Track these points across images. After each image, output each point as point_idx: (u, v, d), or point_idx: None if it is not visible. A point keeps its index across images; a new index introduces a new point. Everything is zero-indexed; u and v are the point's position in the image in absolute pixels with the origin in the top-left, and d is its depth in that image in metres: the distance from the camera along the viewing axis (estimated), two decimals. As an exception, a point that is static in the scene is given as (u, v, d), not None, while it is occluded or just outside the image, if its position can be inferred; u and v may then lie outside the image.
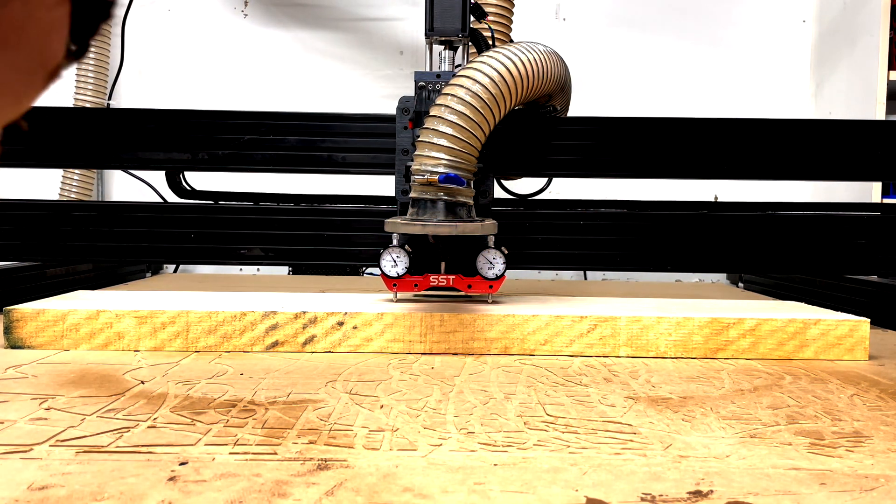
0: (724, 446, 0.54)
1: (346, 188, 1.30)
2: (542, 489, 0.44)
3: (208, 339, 0.86)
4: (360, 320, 0.87)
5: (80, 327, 0.85)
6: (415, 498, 0.43)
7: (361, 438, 0.54)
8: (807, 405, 0.67)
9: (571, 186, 1.51)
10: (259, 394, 0.66)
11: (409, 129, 1.01)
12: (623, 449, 0.53)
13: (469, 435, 0.55)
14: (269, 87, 2.33)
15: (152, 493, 0.42)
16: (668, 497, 0.44)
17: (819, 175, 1.23)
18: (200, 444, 0.52)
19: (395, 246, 0.94)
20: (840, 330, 0.88)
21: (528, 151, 1.20)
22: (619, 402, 0.67)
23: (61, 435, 0.53)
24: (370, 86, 2.41)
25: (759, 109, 2.38)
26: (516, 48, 0.94)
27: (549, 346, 0.88)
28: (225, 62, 2.29)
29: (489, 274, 0.94)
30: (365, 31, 2.43)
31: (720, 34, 2.45)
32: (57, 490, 0.42)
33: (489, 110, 0.89)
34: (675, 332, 0.87)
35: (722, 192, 2.00)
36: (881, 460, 0.51)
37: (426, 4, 0.99)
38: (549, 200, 1.25)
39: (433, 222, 0.87)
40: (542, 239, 1.23)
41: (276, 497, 0.42)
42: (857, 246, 1.22)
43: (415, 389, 0.69)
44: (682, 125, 1.22)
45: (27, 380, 0.70)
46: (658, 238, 1.23)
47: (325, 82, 2.41)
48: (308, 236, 1.23)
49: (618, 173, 1.23)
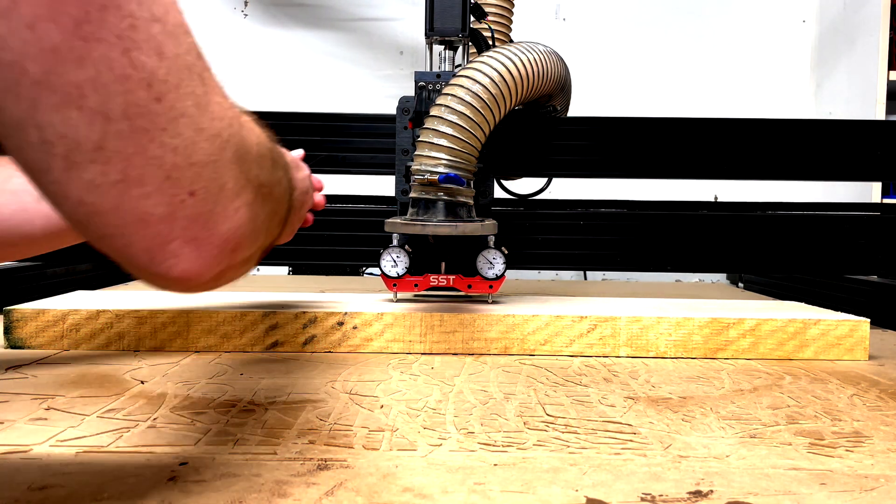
0: (724, 446, 0.54)
1: (345, 188, 1.30)
2: (542, 489, 0.45)
3: (208, 339, 0.86)
4: (360, 320, 0.87)
5: (80, 327, 0.85)
6: (415, 498, 0.43)
7: (361, 438, 0.54)
8: (807, 405, 0.67)
9: (571, 186, 1.51)
10: (259, 394, 0.66)
11: (409, 129, 1.01)
12: (623, 449, 0.53)
13: (469, 435, 0.55)
14: (269, 87, 2.33)
15: (152, 493, 0.42)
16: (668, 497, 0.44)
17: (819, 175, 1.23)
18: (200, 444, 0.52)
19: (395, 246, 0.94)
20: (840, 330, 0.88)
21: (528, 151, 1.20)
22: (619, 402, 0.67)
23: (61, 435, 0.53)
24: (370, 86, 2.41)
25: (759, 109, 2.38)
26: (516, 48, 0.94)
27: (549, 346, 0.88)
28: (224, 62, 2.29)
29: (489, 274, 0.94)
30: (365, 31, 2.43)
31: (720, 34, 2.45)
32: (57, 490, 0.42)
33: (489, 110, 0.89)
34: (675, 332, 0.88)
35: (722, 192, 2.00)
36: (881, 460, 0.51)
37: (426, 4, 0.99)
38: (549, 200, 1.25)
39: (433, 222, 0.87)
40: (542, 239, 1.23)
41: (276, 497, 0.42)
42: (857, 246, 1.22)
43: (414, 389, 0.69)
44: (682, 125, 1.22)
45: (27, 380, 0.70)
46: (658, 238, 1.23)
47: (324, 82, 2.41)
48: (308, 236, 1.23)
49: (618, 173, 1.23)
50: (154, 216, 0.31)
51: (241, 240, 0.36)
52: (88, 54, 0.27)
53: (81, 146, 0.28)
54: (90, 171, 0.29)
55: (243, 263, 0.39)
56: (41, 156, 0.28)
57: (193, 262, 0.33)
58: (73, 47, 0.27)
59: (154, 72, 0.29)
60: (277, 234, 0.48)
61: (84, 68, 0.27)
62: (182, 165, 0.31)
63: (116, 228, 0.31)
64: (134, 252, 0.32)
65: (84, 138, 0.28)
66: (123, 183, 0.29)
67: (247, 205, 0.36)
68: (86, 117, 0.28)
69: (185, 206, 0.32)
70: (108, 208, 0.30)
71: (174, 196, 0.31)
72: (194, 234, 0.33)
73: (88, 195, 0.29)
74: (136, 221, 0.31)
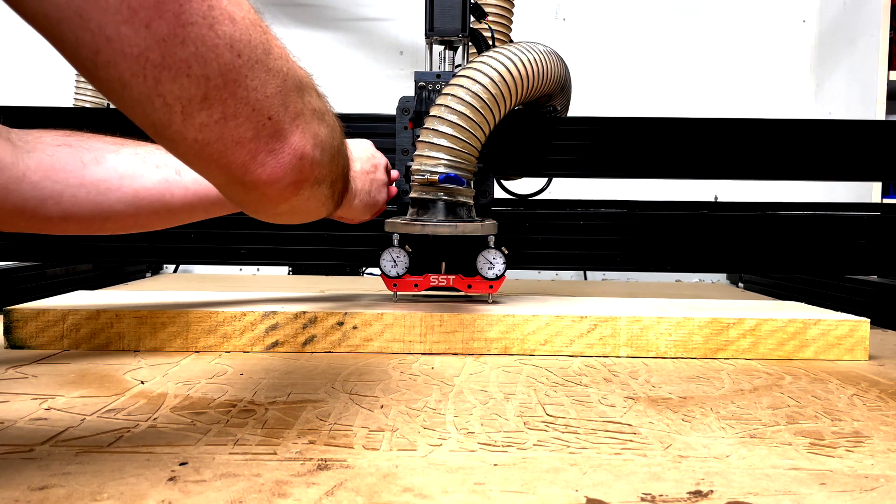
0: (724, 446, 0.54)
1: (346, 188, 1.30)
2: (542, 489, 0.45)
3: (208, 339, 0.86)
4: (360, 320, 0.87)
5: (80, 327, 0.85)
6: (415, 498, 0.43)
7: (361, 438, 0.54)
8: (807, 405, 0.67)
9: (571, 186, 1.51)
10: (259, 394, 0.66)
11: (409, 129, 1.01)
12: (623, 449, 0.53)
13: (469, 435, 0.55)
14: (269, 87, 2.33)
15: (152, 493, 0.42)
16: (668, 497, 0.44)
17: (819, 175, 1.23)
18: (200, 444, 0.52)
19: (395, 246, 0.94)
20: (840, 330, 0.88)
21: (528, 151, 1.20)
22: (619, 402, 0.67)
23: (61, 435, 0.53)
24: (370, 86, 2.41)
25: (759, 109, 2.38)
26: (516, 48, 0.94)
27: (549, 346, 0.88)
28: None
29: (489, 274, 0.94)
30: (365, 31, 2.44)
31: (720, 34, 2.45)
32: (57, 490, 0.42)
33: (489, 110, 0.89)
34: (675, 332, 0.88)
35: (722, 192, 2.00)
36: (881, 460, 0.51)
37: (426, 4, 0.99)
38: (549, 200, 1.25)
39: (433, 222, 0.87)
40: (542, 239, 1.23)
41: (277, 497, 0.42)
42: (857, 246, 1.22)
43: (414, 390, 0.69)
44: (682, 125, 1.22)
45: (27, 380, 0.70)
46: (658, 238, 1.23)
47: (324, 82, 2.40)
48: (308, 236, 1.23)
49: (618, 173, 1.23)
50: (246, 138, 0.42)
51: (306, 150, 0.46)
52: (188, 35, 0.36)
53: (192, 101, 0.38)
54: (200, 116, 0.39)
55: (316, 182, 0.50)
56: (163, 114, 0.38)
57: (276, 168, 0.44)
58: (177, 34, 0.36)
59: (232, 35, 0.39)
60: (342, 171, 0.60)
61: (187, 46, 0.37)
62: (261, 98, 0.41)
63: (221, 152, 0.42)
64: (234, 167, 0.43)
65: (194, 95, 0.38)
66: (223, 120, 0.40)
67: (306, 122, 0.47)
68: (193, 81, 0.38)
69: (266, 127, 0.43)
70: (214, 139, 0.41)
71: (258, 122, 0.42)
72: (272, 147, 0.44)
73: (200, 133, 0.40)
74: (235, 144, 0.42)
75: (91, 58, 0.35)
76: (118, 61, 0.35)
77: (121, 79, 0.36)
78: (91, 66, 0.36)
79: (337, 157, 0.55)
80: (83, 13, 0.33)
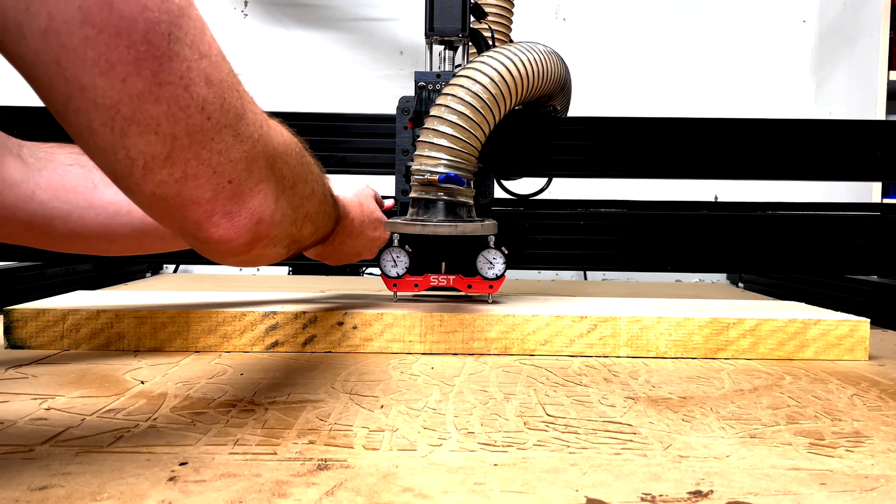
0: (724, 446, 0.54)
1: (346, 188, 1.30)
2: (542, 489, 0.45)
3: (208, 339, 0.86)
4: (360, 320, 0.87)
5: (80, 327, 0.85)
6: (415, 498, 0.43)
7: (361, 438, 0.54)
8: (807, 405, 0.67)
9: (571, 186, 1.51)
10: (259, 394, 0.66)
11: (409, 129, 1.01)
12: (623, 449, 0.53)
13: (469, 435, 0.55)
14: (269, 86, 2.33)
15: (152, 493, 0.42)
16: (668, 497, 0.44)
17: (819, 175, 1.23)
18: (200, 444, 0.52)
19: (395, 246, 0.94)
20: (840, 330, 0.88)
21: (528, 151, 1.20)
22: (619, 402, 0.67)
23: (61, 435, 0.53)
24: (370, 86, 2.41)
25: (759, 109, 2.38)
26: (516, 48, 0.94)
27: (549, 346, 0.88)
28: (225, 62, 2.29)
29: (489, 274, 0.94)
30: (365, 31, 2.44)
31: (720, 34, 2.45)
32: (57, 490, 0.42)
33: (489, 110, 0.89)
34: (675, 332, 0.88)
35: (722, 192, 2.00)
36: (881, 460, 0.51)
37: (426, 4, 0.99)
38: (549, 200, 1.25)
39: (433, 222, 0.87)
40: (542, 239, 1.23)
41: (277, 497, 0.42)
42: (857, 246, 1.22)
43: (414, 390, 0.69)
44: (682, 125, 1.22)
45: (27, 380, 0.70)
46: (658, 238, 1.23)
47: (324, 82, 2.41)
48: (308, 236, 1.23)
49: (618, 173, 1.23)
50: (203, 199, 0.42)
51: (264, 215, 0.47)
52: (162, 94, 0.37)
53: (156, 158, 0.39)
54: (161, 174, 0.40)
55: (270, 243, 0.50)
56: (125, 166, 0.39)
57: (229, 229, 0.45)
58: (152, 91, 0.37)
59: (205, 97, 0.39)
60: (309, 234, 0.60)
61: (160, 105, 0.37)
62: (223, 162, 0.42)
63: (177, 209, 0.42)
64: (188, 224, 0.44)
65: (158, 153, 0.39)
66: (183, 179, 0.41)
67: (270, 189, 0.48)
68: (160, 139, 0.38)
69: (225, 190, 0.43)
70: (172, 195, 0.41)
71: (217, 184, 0.42)
72: (229, 209, 0.44)
73: (159, 189, 0.40)
74: (191, 203, 0.42)
75: (63, 102, 0.36)
76: (89, 110, 0.36)
77: (89, 126, 0.37)
78: (62, 110, 0.36)
79: (301, 221, 0.56)
80: (60, 61, 0.34)
